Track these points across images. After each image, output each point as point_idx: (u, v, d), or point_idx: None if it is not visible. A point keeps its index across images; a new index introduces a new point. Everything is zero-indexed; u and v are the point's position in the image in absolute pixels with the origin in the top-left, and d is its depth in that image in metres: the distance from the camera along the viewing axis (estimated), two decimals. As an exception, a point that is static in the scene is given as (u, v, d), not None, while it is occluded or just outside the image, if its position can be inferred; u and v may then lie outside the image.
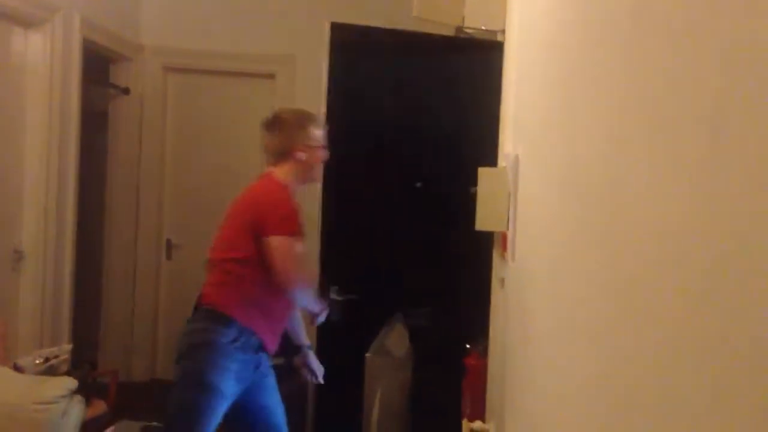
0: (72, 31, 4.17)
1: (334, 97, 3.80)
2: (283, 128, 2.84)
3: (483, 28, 3.59)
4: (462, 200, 3.32)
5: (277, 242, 2.60)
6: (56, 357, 3.38)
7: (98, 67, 4.81)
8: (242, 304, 2.62)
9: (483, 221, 2.40)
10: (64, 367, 3.50)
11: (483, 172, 2.44)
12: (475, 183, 2.48)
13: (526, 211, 1.86)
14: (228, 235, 2.76)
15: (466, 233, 2.90)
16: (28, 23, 3.91)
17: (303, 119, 2.86)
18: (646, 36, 0.87)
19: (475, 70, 3.68)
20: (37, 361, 3.26)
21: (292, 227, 2.65)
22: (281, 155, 2.79)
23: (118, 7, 4.86)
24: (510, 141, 2.40)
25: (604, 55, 1.05)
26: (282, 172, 2.79)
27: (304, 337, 2.93)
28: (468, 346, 2.61)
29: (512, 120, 2.36)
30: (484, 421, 2.30)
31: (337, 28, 3.86)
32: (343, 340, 3.20)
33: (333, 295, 3.42)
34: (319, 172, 2.93)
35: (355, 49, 3.83)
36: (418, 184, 3.72)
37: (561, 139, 1.35)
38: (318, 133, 2.86)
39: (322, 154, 2.88)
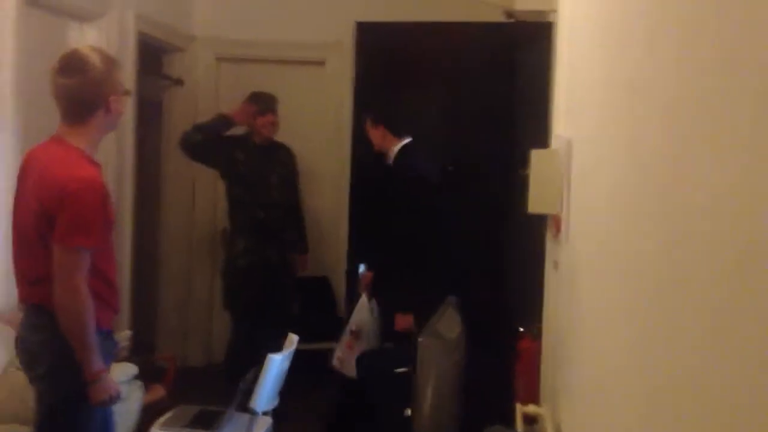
0: (126, 25, 4.25)
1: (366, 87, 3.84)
2: (90, 71, 2.26)
3: (534, 9, 3.55)
4: (511, 182, 3.31)
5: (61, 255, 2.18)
6: (119, 343, 3.46)
7: (152, 59, 4.89)
8: None
9: (536, 203, 2.38)
10: (124, 353, 3.59)
11: (536, 154, 2.41)
12: (524, 166, 2.46)
13: (580, 194, 1.84)
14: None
15: (517, 216, 2.90)
16: (84, 17, 3.99)
17: (110, 61, 2.35)
18: (707, 23, 0.85)
19: (524, 53, 3.65)
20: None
21: (86, 237, 2.19)
22: (86, 106, 2.28)
23: (170, -1, 4.93)
24: (562, 124, 2.38)
25: (668, 41, 1.03)
26: (79, 135, 2.29)
27: None
28: (521, 329, 2.59)
29: (565, 103, 2.33)
30: (537, 404, 2.29)
31: (361, 28, 3.88)
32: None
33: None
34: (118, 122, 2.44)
35: (384, 47, 3.86)
36: (450, 168, 3.72)
37: (621, 125, 1.33)
38: (122, 77, 2.40)
39: (125, 102, 2.45)
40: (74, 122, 2.30)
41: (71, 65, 2.29)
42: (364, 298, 3.75)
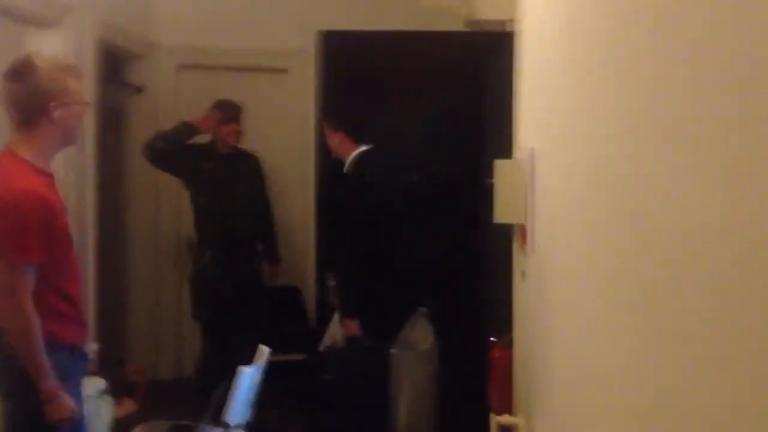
0: (86, 31, 4.19)
1: (330, 96, 3.84)
2: (34, 76, 2.19)
3: (495, 18, 3.59)
4: (478, 192, 3.34)
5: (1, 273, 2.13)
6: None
7: (112, 66, 4.83)
8: None
9: (501, 213, 2.40)
10: (92, 366, 3.55)
11: (500, 164, 2.43)
12: (491, 175, 2.48)
13: (545, 204, 1.87)
14: None
15: (486, 226, 2.92)
16: (41, 23, 3.93)
17: (60, 67, 2.27)
18: (670, 34, 0.87)
19: (487, 62, 3.68)
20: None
21: (23, 252, 2.11)
22: (30, 113, 2.20)
23: (131, 5, 4.87)
24: (526, 134, 2.40)
25: (631, 51, 1.05)
26: (26, 144, 2.21)
27: None
28: (492, 338, 2.62)
29: (528, 113, 2.36)
30: (511, 414, 2.31)
31: (326, 37, 3.89)
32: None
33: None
34: (76, 133, 2.37)
35: (348, 56, 3.86)
36: (415, 177, 3.72)
37: (585, 133, 1.36)
38: (77, 85, 2.30)
39: (82, 111, 2.35)
40: (21, 131, 2.23)
41: (17, 69, 2.23)
42: (336, 316, 3.74)
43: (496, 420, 2.04)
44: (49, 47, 3.93)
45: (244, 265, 4.37)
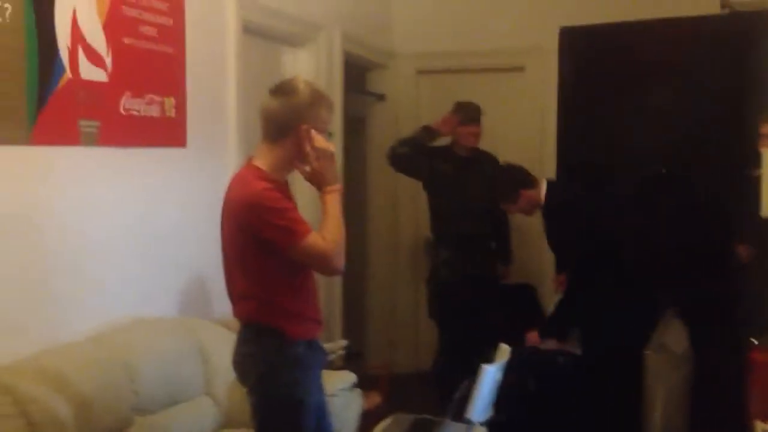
0: (334, 46, 4.47)
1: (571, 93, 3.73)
2: (294, 97, 2.31)
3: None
4: (737, 184, 3.09)
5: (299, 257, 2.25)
6: (333, 352, 3.63)
7: (356, 76, 5.10)
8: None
9: (770, 206, 2.23)
10: (340, 362, 3.76)
11: (768, 154, 2.27)
12: (754, 166, 2.32)
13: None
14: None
15: (745, 220, 2.71)
16: (296, 43, 4.24)
17: (318, 95, 2.36)
18: None
19: (745, 45, 3.41)
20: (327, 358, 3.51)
21: (291, 232, 2.21)
22: (282, 129, 2.31)
23: (372, 19, 5.13)
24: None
25: None
26: (264, 155, 2.33)
27: None
28: (753, 340, 2.43)
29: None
30: (773, 421, 2.13)
31: (566, 33, 3.79)
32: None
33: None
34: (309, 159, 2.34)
35: (588, 51, 3.74)
36: (663, 170, 3.53)
37: None
38: (328, 117, 2.38)
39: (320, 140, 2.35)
40: (265, 142, 2.36)
41: (283, 88, 2.37)
42: None
43: (763, 426, 1.88)
44: (302, 64, 4.26)
45: (479, 264, 4.40)
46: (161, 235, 3.08)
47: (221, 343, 2.85)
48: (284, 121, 2.31)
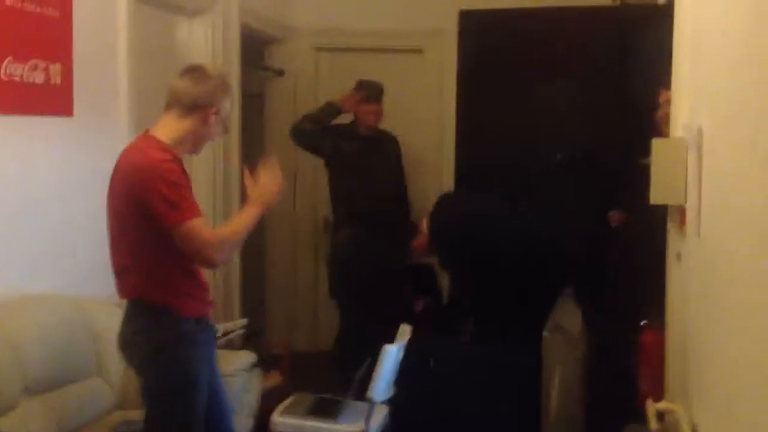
0: (231, 18, 4.34)
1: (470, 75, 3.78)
2: (209, 81, 2.39)
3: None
4: (628, 172, 3.22)
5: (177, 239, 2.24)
6: (232, 332, 3.56)
7: (253, 50, 4.98)
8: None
9: (658, 194, 2.31)
10: (239, 341, 3.69)
11: (657, 144, 2.35)
12: (644, 155, 2.40)
13: (718, 186, 1.77)
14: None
15: (635, 206, 2.82)
16: (191, 12, 4.10)
17: (227, 85, 2.47)
18: None
19: (636, 36, 3.54)
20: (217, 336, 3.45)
21: (184, 210, 2.22)
22: (188, 109, 2.35)
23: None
24: (687, 111, 2.29)
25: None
26: (167, 129, 2.35)
27: None
28: (643, 322, 2.53)
29: (691, 89, 2.24)
30: (662, 400, 2.23)
31: (466, 16, 3.83)
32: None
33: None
34: (202, 146, 2.49)
35: (487, 35, 3.80)
36: (558, 156, 3.64)
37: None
38: (230, 108, 2.50)
39: (223, 132, 2.51)
40: (169, 116, 2.37)
41: (195, 70, 2.42)
42: None
43: (654, 407, 1.97)
44: (197, 35, 4.12)
45: (382, 244, 4.41)
46: (45, 208, 2.94)
47: (112, 321, 2.74)
48: (194, 99, 2.35)
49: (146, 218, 2.22)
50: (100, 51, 3.27)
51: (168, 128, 2.35)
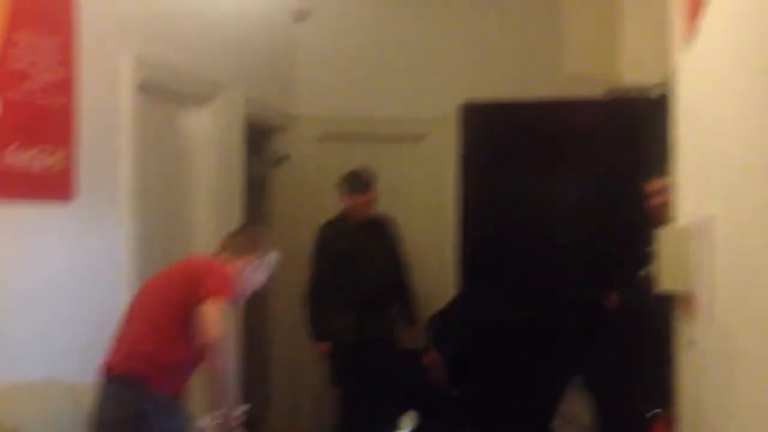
0: (236, 107, 4.40)
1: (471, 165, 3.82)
2: (253, 231, 3.05)
3: (635, 84, 3.53)
4: (630, 259, 3.22)
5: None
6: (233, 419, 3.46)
7: (258, 137, 5.03)
8: None
9: (668, 282, 2.30)
10: (241, 429, 3.58)
11: (664, 233, 2.37)
12: (647, 243, 2.41)
13: (735, 277, 1.75)
14: None
15: (639, 292, 2.79)
16: (197, 102, 4.15)
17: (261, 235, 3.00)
18: None
19: (633, 127, 3.60)
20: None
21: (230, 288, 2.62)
22: (240, 251, 2.80)
23: (275, 81, 5.11)
24: (694, 199, 2.30)
25: None
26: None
27: None
28: (655, 411, 2.48)
29: (695, 178, 2.26)
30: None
31: (466, 108, 3.90)
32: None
33: None
34: (244, 295, 2.84)
35: (488, 126, 3.88)
36: (564, 240, 3.65)
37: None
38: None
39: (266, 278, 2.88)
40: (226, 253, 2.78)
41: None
42: None
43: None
44: (202, 124, 4.17)
45: (380, 330, 4.36)
46: (42, 293, 2.92)
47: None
48: (243, 246, 2.79)
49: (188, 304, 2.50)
50: (105, 139, 3.29)
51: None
